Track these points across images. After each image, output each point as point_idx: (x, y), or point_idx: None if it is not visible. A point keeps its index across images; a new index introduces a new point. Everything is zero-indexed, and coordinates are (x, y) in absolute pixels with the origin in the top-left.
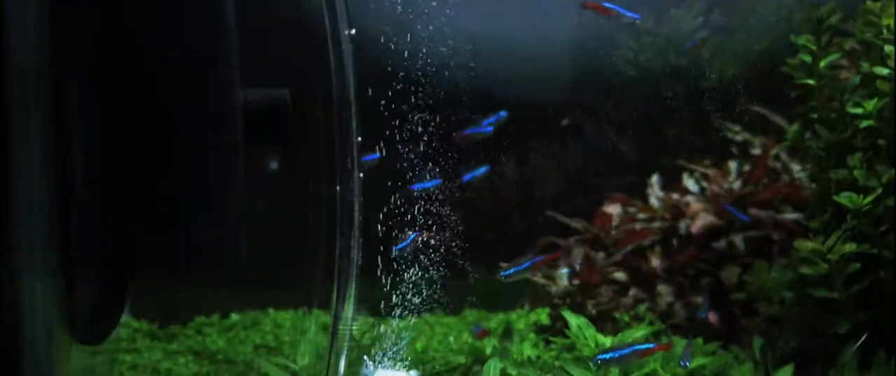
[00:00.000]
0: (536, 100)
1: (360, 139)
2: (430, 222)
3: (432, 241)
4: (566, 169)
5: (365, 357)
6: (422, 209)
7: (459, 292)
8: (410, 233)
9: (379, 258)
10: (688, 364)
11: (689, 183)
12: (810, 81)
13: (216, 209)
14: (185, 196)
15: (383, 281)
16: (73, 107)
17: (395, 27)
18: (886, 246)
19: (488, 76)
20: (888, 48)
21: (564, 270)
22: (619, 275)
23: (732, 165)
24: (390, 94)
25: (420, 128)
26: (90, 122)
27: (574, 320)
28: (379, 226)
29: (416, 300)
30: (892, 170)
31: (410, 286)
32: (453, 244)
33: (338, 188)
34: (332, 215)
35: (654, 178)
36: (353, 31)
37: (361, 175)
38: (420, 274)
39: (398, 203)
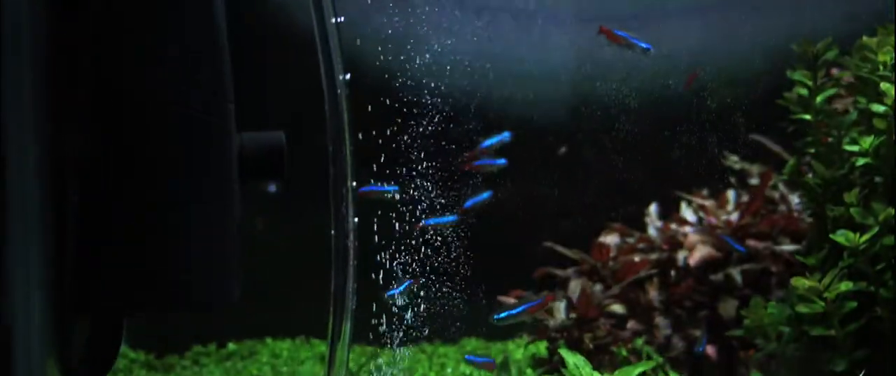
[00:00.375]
0: (535, 126)
1: (354, 183)
2: (427, 253)
3: (430, 267)
4: (565, 195)
5: None
6: (420, 239)
7: (457, 322)
8: (406, 278)
9: (376, 287)
10: None
11: (687, 213)
12: (807, 116)
13: (212, 247)
14: (181, 235)
15: (380, 313)
16: (68, 150)
17: (392, 54)
18: (884, 284)
19: (486, 102)
20: (884, 86)
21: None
22: (617, 308)
23: (730, 195)
24: (387, 125)
25: (419, 159)
26: (86, 164)
27: (571, 358)
28: (379, 255)
29: (414, 331)
30: (888, 209)
31: (407, 318)
32: (451, 272)
33: (332, 232)
34: (329, 253)
35: (653, 207)
36: (349, 76)
37: (357, 219)
38: (416, 307)
39: (398, 235)
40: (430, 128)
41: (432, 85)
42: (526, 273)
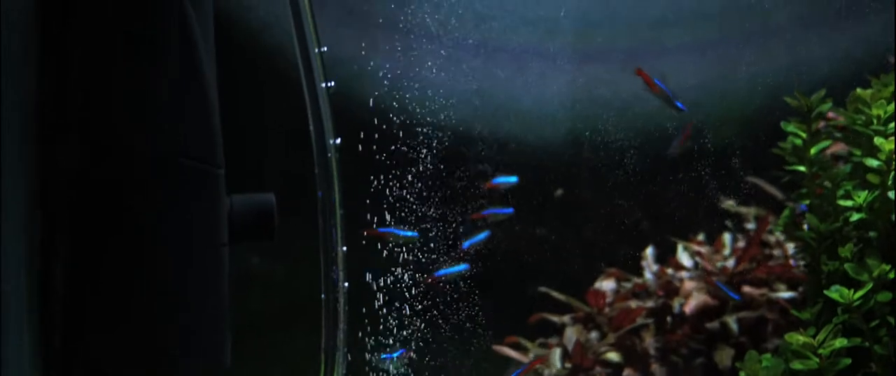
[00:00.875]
0: (531, 165)
1: (345, 248)
2: (424, 300)
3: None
4: (562, 236)
5: None
6: (415, 284)
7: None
8: (399, 347)
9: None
10: None
11: (684, 257)
12: (801, 168)
13: (202, 312)
14: (170, 300)
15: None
16: (53, 211)
17: (387, 93)
18: (878, 340)
19: (482, 140)
20: (878, 140)
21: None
22: (613, 356)
23: (727, 239)
24: (381, 167)
25: (414, 200)
26: (72, 227)
27: None
28: (376, 300)
29: None
30: (883, 265)
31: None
32: (446, 317)
33: (322, 296)
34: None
35: (649, 251)
36: (339, 140)
37: (347, 284)
38: (409, 358)
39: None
40: (424, 167)
41: (427, 124)
42: (521, 318)
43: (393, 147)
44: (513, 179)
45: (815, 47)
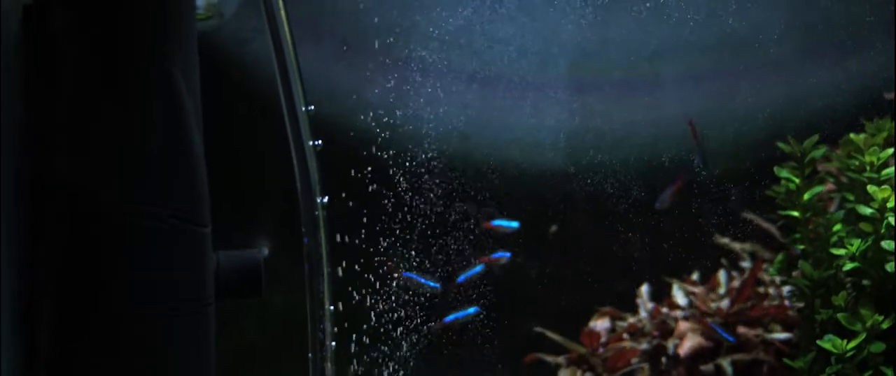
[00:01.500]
0: (525, 195)
1: (332, 307)
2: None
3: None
4: (557, 271)
5: None
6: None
7: None
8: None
9: None
10: None
11: (679, 295)
12: (795, 213)
13: (187, 371)
14: (156, 358)
15: None
16: (40, 278)
17: (381, 122)
18: None
19: (478, 175)
20: (871, 188)
21: None
22: None
23: (722, 277)
24: (374, 197)
25: (407, 232)
26: (57, 290)
27: None
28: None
29: None
30: (875, 315)
31: None
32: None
33: (310, 355)
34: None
35: (644, 288)
36: (326, 198)
37: (334, 344)
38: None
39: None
40: (418, 198)
41: (423, 155)
42: (517, 357)
43: (387, 177)
44: (514, 224)
45: (812, 80)
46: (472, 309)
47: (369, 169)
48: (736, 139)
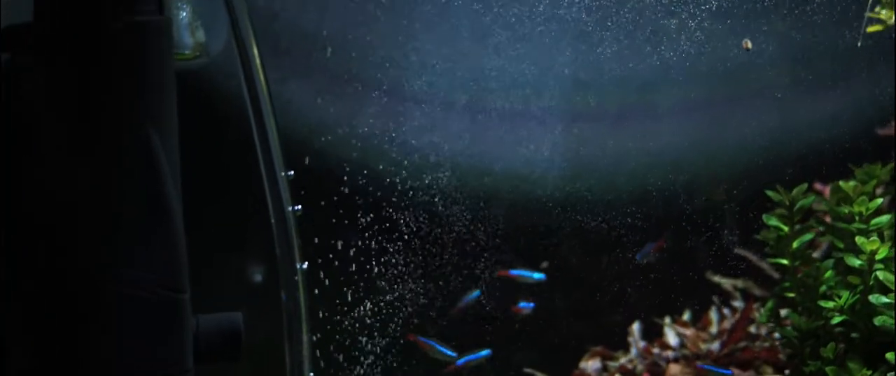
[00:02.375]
0: (518, 225)
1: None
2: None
3: None
4: (547, 304)
5: None
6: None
7: None
8: None
9: None
10: None
11: (670, 335)
12: (784, 261)
13: None
14: None
15: None
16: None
17: (372, 150)
18: None
19: (470, 201)
20: (859, 240)
21: None
22: None
23: (713, 316)
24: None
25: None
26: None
27: None
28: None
29: None
30: (864, 369)
31: None
32: None
33: None
34: None
35: (635, 326)
36: (306, 265)
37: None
38: None
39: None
40: (411, 233)
41: (413, 187)
42: None
43: (378, 210)
44: (537, 276)
45: (806, 109)
46: (484, 352)
47: (355, 200)
48: (728, 168)
